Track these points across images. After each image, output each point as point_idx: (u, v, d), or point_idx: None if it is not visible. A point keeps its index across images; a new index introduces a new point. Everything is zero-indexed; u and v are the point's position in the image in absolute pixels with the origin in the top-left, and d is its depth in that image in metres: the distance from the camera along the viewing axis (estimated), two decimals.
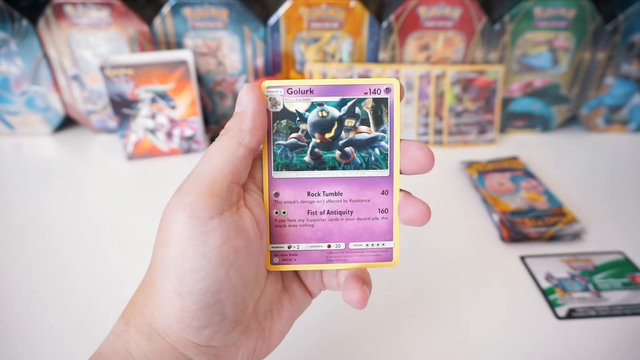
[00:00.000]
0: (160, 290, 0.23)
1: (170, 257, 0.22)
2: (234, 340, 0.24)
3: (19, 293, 0.42)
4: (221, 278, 0.23)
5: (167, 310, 0.23)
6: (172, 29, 0.61)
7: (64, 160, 0.63)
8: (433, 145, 0.66)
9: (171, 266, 0.22)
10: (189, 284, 0.22)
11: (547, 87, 0.67)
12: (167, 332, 0.23)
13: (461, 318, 0.40)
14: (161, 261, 0.23)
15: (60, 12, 0.59)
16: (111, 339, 0.24)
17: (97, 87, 0.65)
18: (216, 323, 0.23)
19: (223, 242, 0.23)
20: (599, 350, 0.37)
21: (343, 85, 0.26)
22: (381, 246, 0.27)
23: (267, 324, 0.27)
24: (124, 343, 0.23)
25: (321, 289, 0.29)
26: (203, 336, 0.23)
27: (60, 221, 0.51)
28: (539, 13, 0.61)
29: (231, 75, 0.65)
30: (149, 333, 0.23)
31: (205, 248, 0.22)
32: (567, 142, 0.69)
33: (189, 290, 0.22)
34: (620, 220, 0.52)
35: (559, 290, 0.43)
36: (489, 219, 0.52)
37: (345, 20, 0.61)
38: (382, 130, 0.26)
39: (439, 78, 0.65)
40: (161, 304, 0.23)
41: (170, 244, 0.22)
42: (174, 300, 0.22)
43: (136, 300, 0.24)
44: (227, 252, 0.23)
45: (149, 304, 0.23)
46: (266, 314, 0.27)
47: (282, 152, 0.26)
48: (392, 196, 0.27)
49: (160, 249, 0.23)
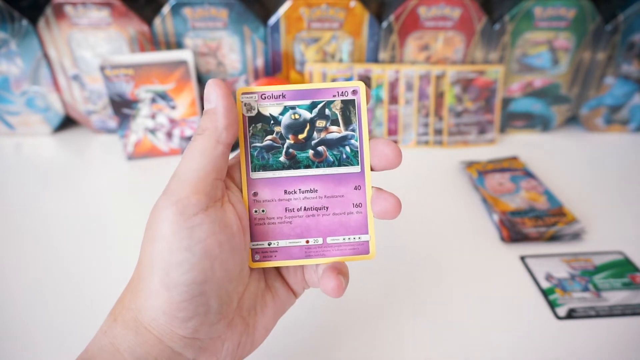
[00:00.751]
0: (147, 284, 0.24)
1: (157, 251, 0.23)
2: (218, 333, 0.25)
3: (18, 293, 0.42)
4: (206, 270, 0.24)
5: (153, 302, 0.23)
6: (172, 29, 0.61)
7: (64, 160, 0.63)
8: (433, 145, 0.67)
9: (158, 260, 0.23)
10: (175, 276, 0.23)
11: (547, 87, 0.67)
12: (154, 324, 0.24)
13: (461, 318, 0.40)
14: (149, 257, 0.24)
15: (60, 12, 0.59)
16: (99, 337, 0.25)
17: (97, 87, 0.65)
18: (201, 314, 0.24)
19: (208, 236, 0.24)
20: (599, 350, 0.37)
21: (313, 89, 0.28)
22: (357, 240, 0.28)
23: (251, 320, 0.27)
24: (111, 339, 0.24)
25: (304, 287, 0.30)
26: (188, 328, 0.24)
27: (60, 221, 0.51)
28: (539, 13, 0.61)
29: (231, 75, 0.65)
30: (136, 327, 0.24)
31: (191, 242, 0.23)
32: (567, 142, 0.69)
33: (175, 282, 0.23)
34: (620, 220, 0.52)
35: (559, 290, 0.43)
36: (489, 219, 0.52)
37: (345, 20, 0.61)
38: (351, 129, 0.28)
39: (439, 78, 0.65)
40: (148, 297, 0.24)
41: (158, 240, 0.23)
42: (161, 292, 0.23)
43: (124, 297, 0.25)
44: (212, 245, 0.24)
45: (136, 299, 0.24)
46: (250, 309, 0.28)
47: (259, 153, 0.28)
48: (365, 191, 0.28)
49: (148, 245, 0.24)
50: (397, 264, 0.45)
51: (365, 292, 0.42)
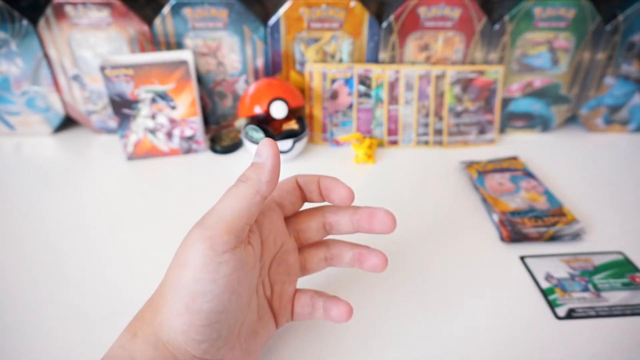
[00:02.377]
0: (170, 305, 0.27)
1: (185, 278, 0.26)
2: (222, 355, 0.29)
3: (18, 293, 0.42)
4: (225, 302, 0.27)
5: (175, 322, 0.27)
6: (172, 29, 0.61)
7: (64, 161, 0.63)
8: (433, 145, 0.67)
9: (184, 286, 0.26)
10: (198, 303, 0.26)
11: (547, 87, 0.67)
12: (171, 342, 0.27)
13: (460, 318, 0.40)
14: (176, 281, 0.27)
15: (61, 12, 0.59)
16: (116, 351, 0.27)
17: (97, 87, 0.65)
18: (213, 339, 0.27)
19: (231, 272, 0.27)
20: (598, 350, 0.37)
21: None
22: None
23: (245, 346, 0.31)
24: (130, 353, 0.27)
25: (288, 321, 0.35)
26: (200, 349, 0.27)
27: (60, 221, 0.51)
28: (539, 13, 0.61)
29: (231, 75, 0.65)
30: (155, 342, 0.27)
31: (217, 275, 0.26)
32: (567, 142, 0.69)
33: (197, 309, 0.26)
34: (620, 220, 0.52)
35: (558, 290, 0.43)
36: (489, 219, 0.52)
37: (345, 20, 0.61)
38: None
39: (439, 78, 0.65)
40: (171, 317, 0.27)
41: (187, 267, 0.26)
42: (183, 315, 0.26)
43: (144, 314, 0.28)
44: (234, 281, 0.27)
45: (158, 317, 0.27)
46: (246, 337, 0.31)
47: None
48: None
49: (176, 270, 0.27)
50: (397, 264, 0.45)
51: (365, 292, 0.42)
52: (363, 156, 0.62)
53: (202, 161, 0.63)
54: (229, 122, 0.69)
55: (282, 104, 0.60)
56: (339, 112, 0.66)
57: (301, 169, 0.61)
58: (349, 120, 0.66)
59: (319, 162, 0.63)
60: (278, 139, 0.59)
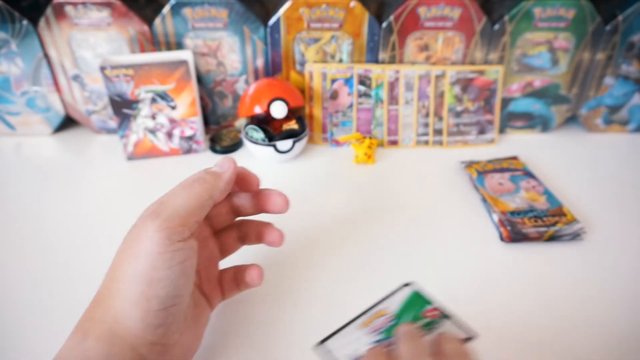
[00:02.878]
0: (125, 295, 0.28)
1: (140, 266, 0.28)
2: (175, 340, 0.30)
3: (18, 293, 0.42)
4: (180, 287, 0.29)
5: (131, 311, 0.28)
6: (172, 29, 0.61)
7: (64, 161, 0.63)
8: (433, 145, 0.67)
9: (140, 274, 0.28)
10: (155, 289, 0.28)
11: (546, 87, 0.67)
12: (127, 332, 0.28)
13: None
14: (130, 270, 0.29)
15: (61, 12, 0.59)
16: (65, 353, 0.28)
17: (98, 87, 0.65)
18: (169, 323, 0.29)
19: (185, 259, 0.29)
20: None
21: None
22: None
23: (193, 330, 0.33)
24: (81, 353, 0.27)
25: (219, 301, 0.37)
26: (157, 334, 0.29)
27: (61, 221, 0.51)
28: (539, 13, 0.61)
29: (231, 75, 0.65)
30: (110, 338, 0.28)
31: (172, 262, 0.29)
32: (567, 142, 0.69)
33: (154, 294, 0.28)
34: (620, 220, 0.52)
35: None
36: (489, 219, 0.52)
37: (345, 20, 0.61)
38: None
39: (439, 78, 0.65)
40: (126, 306, 0.28)
41: (141, 257, 0.28)
42: (139, 302, 0.28)
43: (93, 314, 0.29)
44: (186, 267, 0.30)
45: (110, 311, 0.28)
46: (190, 322, 0.33)
47: None
48: None
49: (129, 261, 0.29)
50: (397, 263, 0.45)
51: (365, 292, 0.42)
52: (363, 156, 0.62)
53: (202, 161, 0.63)
54: (229, 122, 0.69)
55: (282, 104, 0.60)
56: (339, 112, 0.66)
57: (301, 169, 0.61)
58: (348, 120, 0.66)
59: (319, 162, 0.63)
60: (278, 139, 0.59)
